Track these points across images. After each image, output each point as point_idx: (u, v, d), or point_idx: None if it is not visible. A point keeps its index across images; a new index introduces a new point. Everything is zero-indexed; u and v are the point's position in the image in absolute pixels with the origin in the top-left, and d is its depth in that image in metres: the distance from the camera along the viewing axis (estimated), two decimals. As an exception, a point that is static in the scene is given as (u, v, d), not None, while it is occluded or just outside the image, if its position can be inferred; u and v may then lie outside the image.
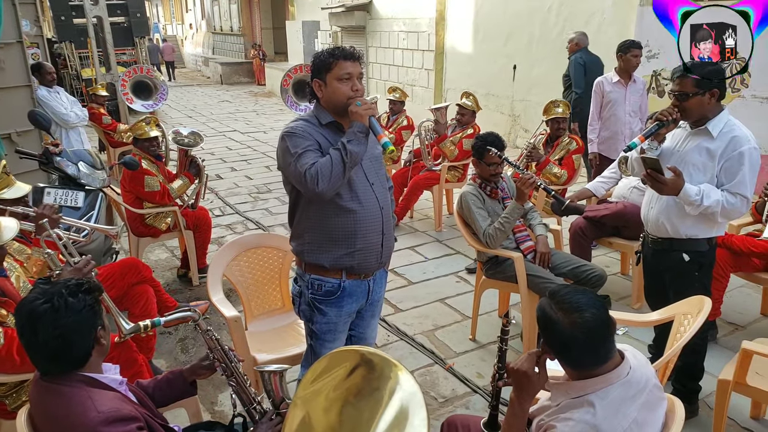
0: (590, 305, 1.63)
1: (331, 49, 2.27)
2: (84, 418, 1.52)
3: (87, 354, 1.63)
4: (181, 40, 31.30)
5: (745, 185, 2.62)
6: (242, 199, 7.04)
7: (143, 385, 1.95)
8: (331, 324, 2.42)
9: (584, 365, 1.67)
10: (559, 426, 1.63)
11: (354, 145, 2.16)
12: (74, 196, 3.84)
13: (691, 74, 2.62)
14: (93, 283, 1.69)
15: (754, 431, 2.91)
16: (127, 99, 7.59)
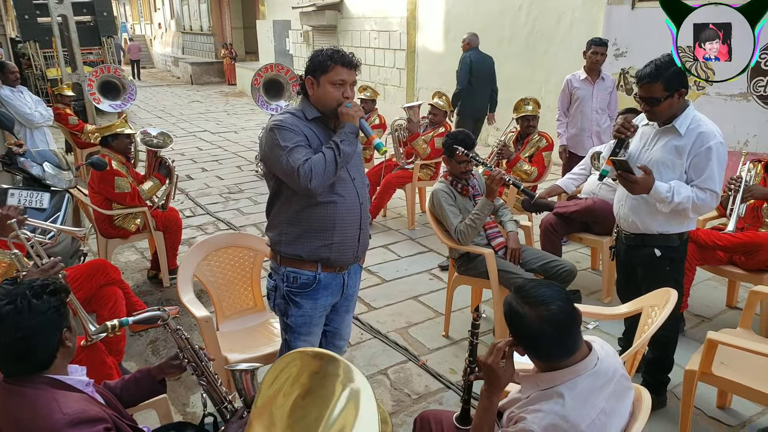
0: (556, 298, 1.65)
1: (332, 51, 2.30)
2: (49, 420, 1.49)
3: (52, 356, 1.60)
4: (149, 39, 30.84)
5: (713, 180, 2.65)
6: (213, 200, 6.96)
7: (110, 386, 1.91)
8: (306, 317, 2.43)
9: (553, 357, 1.69)
10: (529, 417, 1.64)
11: (346, 145, 2.23)
12: (39, 198, 3.75)
13: (657, 80, 2.62)
14: (59, 284, 1.65)
15: (721, 420, 2.98)
16: (95, 99, 7.43)
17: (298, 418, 0.98)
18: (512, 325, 1.71)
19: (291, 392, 1.02)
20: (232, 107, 15.16)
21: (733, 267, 3.72)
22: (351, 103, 2.28)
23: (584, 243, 4.45)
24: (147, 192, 4.35)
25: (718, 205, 3.98)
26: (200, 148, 10.02)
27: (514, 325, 1.70)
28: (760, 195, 3.60)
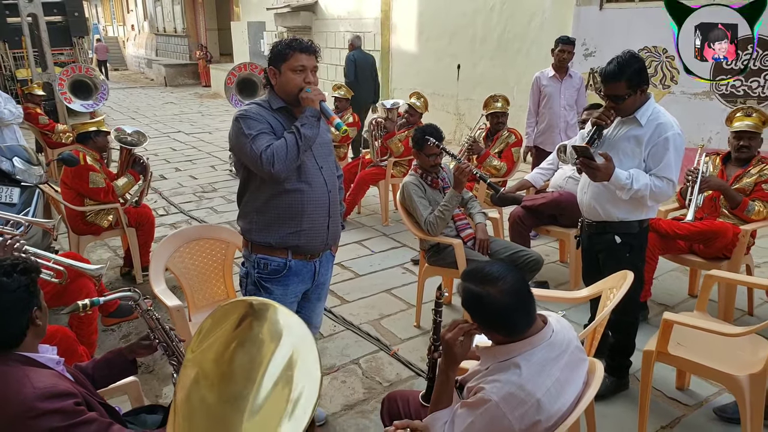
0: (508, 271, 1.75)
1: (290, 40, 2.38)
2: (20, 395, 1.53)
3: (22, 333, 1.64)
4: (122, 41, 30.49)
5: (670, 169, 2.77)
6: (187, 199, 6.96)
7: (82, 367, 1.95)
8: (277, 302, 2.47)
9: (519, 327, 1.76)
10: (487, 387, 1.72)
11: (307, 128, 2.28)
12: (9, 192, 3.75)
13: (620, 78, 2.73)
14: (29, 263, 1.69)
15: (680, 400, 3.10)
16: (66, 99, 7.37)
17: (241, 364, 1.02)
18: (475, 309, 1.77)
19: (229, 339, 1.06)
20: (207, 108, 15.10)
21: (693, 255, 3.86)
22: (311, 88, 2.33)
23: (552, 235, 4.58)
24: (121, 188, 4.37)
25: (679, 196, 4.17)
26: (174, 148, 9.99)
27: (478, 309, 1.76)
28: (716, 186, 3.74)
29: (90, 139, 4.35)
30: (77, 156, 4.13)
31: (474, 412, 1.72)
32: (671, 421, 2.95)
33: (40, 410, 1.51)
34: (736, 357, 2.66)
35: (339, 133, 2.39)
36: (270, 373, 1.00)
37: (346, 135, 6.43)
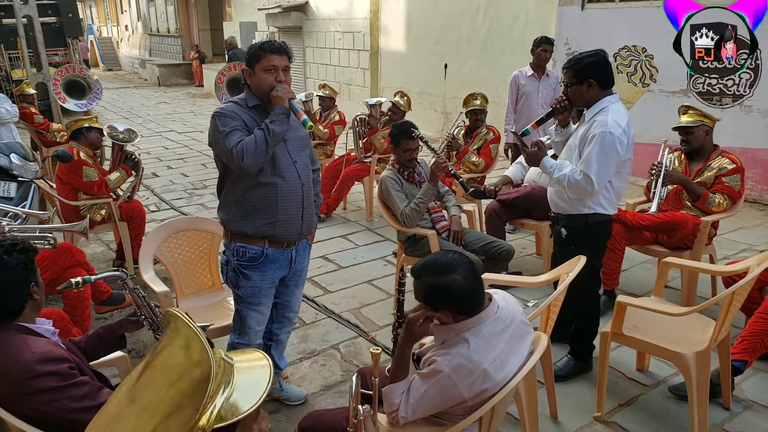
0: (459, 256, 1.94)
1: (263, 42, 2.55)
2: (20, 359, 1.72)
3: (21, 306, 1.83)
4: (116, 41, 30.52)
5: (590, 165, 2.81)
6: (178, 195, 7.14)
7: (75, 341, 2.14)
8: (255, 288, 2.67)
9: (479, 304, 1.93)
10: (439, 360, 1.92)
11: (276, 125, 2.42)
12: (6, 187, 3.94)
13: (571, 68, 2.92)
14: (27, 244, 1.88)
15: (639, 381, 3.30)
16: (60, 98, 7.54)
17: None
18: (443, 298, 1.90)
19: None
20: (199, 108, 15.24)
21: (658, 246, 4.06)
22: (281, 87, 2.48)
23: (526, 228, 4.77)
24: (114, 182, 4.56)
25: (645, 189, 4.38)
26: (166, 147, 10.16)
27: (446, 298, 1.90)
28: (678, 180, 3.95)
29: (83, 135, 4.54)
30: (71, 152, 4.33)
31: (427, 382, 1.91)
32: (629, 399, 3.13)
33: (38, 372, 1.71)
34: (687, 338, 2.84)
35: (306, 129, 2.55)
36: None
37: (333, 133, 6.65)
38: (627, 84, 7.44)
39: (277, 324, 2.97)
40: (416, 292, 1.98)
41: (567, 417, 2.99)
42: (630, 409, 3.05)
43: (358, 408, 1.60)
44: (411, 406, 1.93)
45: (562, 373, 3.28)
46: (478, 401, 1.89)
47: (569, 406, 3.06)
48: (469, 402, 1.88)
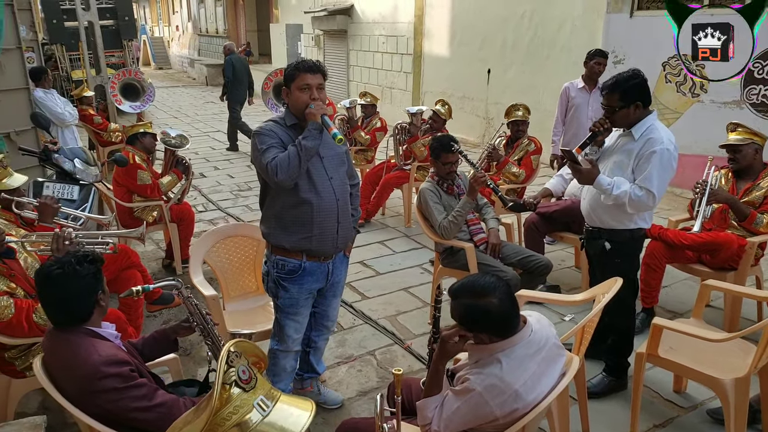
0: (497, 279, 2.01)
1: (298, 62, 2.65)
2: (88, 360, 1.89)
3: (90, 312, 2.01)
4: (167, 41, 31.41)
5: (651, 180, 2.89)
6: (224, 196, 7.38)
7: (133, 343, 2.32)
8: (293, 299, 2.78)
9: (514, 327, 2.00)
10: (472, 378, 1.99)
11: (308, 140, 2.51)
12: (70, 190, 4.19)
13: (615, 91, 2.95)
14: (96, 255, 2.05)
15: (676, 403, 3.28)
16: (116, 100, 7.88)
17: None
18: (477, 321, 1.97)
19: None
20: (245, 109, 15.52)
21: (701, 265, 3.99)
22: (314, 104, 2.56)
23: (565, 241, 4.78)
24: (166, 185, 4.79)
25: (689, 206, 4.33)
26: (213, 147, 10.47)
27: (479, 320, 1.96)
28: (723, 199, 3.88)
29: (138, 140, 4.78)
30: (127, 156, 4.57)
31: (460, 399, 1.98)
32: (664, 420, 3.13)
33: (104, 373, 1.88)
34: (726, 362, 2.82)
35: (336, 142, 2.58)
36: None
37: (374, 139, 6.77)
38: (675, 94, 7.32)
39: (316, 332, 3.09)
40: (453, 313, 2.04)
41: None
42: (665, 431, 3.05)
43: (383, 426, 1.68)
44: (444, 421, 2.01)
45: (596, 390, 3.30)
46: (510, 420, 1.95)
47: (602, 425, 3.08)
48: (501, 420, 1.94)
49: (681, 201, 6.69)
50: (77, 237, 2.76)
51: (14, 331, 2.60)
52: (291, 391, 3.17)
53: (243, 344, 1.38)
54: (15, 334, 2.61)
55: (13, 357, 2.76)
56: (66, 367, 1.95)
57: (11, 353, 2.75)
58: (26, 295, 2.69)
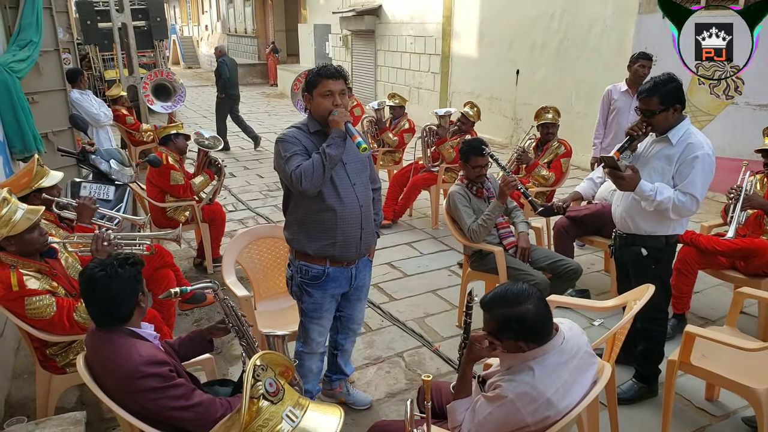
0: (528, 286, 2.01)
1: (319, 68, 2.61)
2: (130, 360, 1.96)
3: (130, 313, 2.07)
4: (196, 41, 31.86)
5: (695, 186, 2.91)
6: (253, 196, 7.48)
7: (170, 343, 2.38)
8: (317, 304, 2.80)
9: (549, 331, 2.00)
10: (504, 385, 2.00)
11: (332, 148, 2.50)
12: (106, 190, 4.31)
13: (654, 95, 2.93)
14: (137, 258, 2.12)
15: (708, 411, 3.24)
16: (148, 100, 8.03)
17: None
18: (514, 330, 1.97)
19: None
20: (273, 108, 15.72)
21: (734, 271, 3.93)
22: (338, 111, 2.54)
23: (595, 245, 4.74)
24: (198, 185, 4.89)
25: (723, 212, 4.27)
26: (242, 147, 10.60)
27: (517, 328, 1.96)
28: (758, 204, 3.83)
29: (171, 141, 4.88)
30: (160, 157, 4.68)
31: (492, 405, 2.00)
32: (696, 429, 3.10)
33: (145, 373, 1.94)
34: (760, 371, 2.79)
35: (360, 151, 2.59)
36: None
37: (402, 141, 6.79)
38: (709, 96, 7.20)
39: (342, 335, 3.11)
40: (487, 324, 2.04)
41: (629, 442, 3.00)
42: (696, 439, 3.03)
43: (413, 431, 1.71)
44: (475, 426, 2.03)
45: (626, 396, 3.28)
46: (541, 427, 1.96)
47: (632, 431, 3.06)
48: (532, 427, 1.95)
49: (713, 205, 6.58)
50: (116, 238, 2.83)
51: (56, 329, 2.69)
52: (320, 391, 3.22)
53: (269, 356, 1.41)
54: (56, 331, 2.71)
55: (54, 353, 2.86)
56: (108, 366, 2.02)
57: (52, 350, 2.86)
58: (67, 294, 2.78)
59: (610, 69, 8.10)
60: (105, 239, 2.80)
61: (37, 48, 4.96)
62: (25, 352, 3.82)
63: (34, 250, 2.71)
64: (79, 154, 4.53)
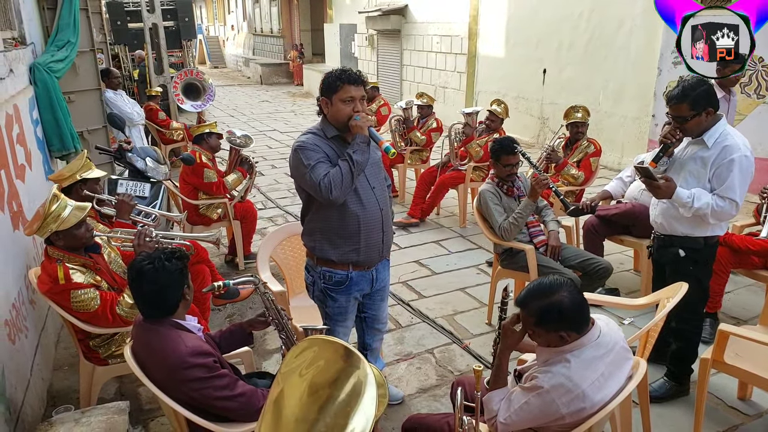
0: (560, 276, 2.05)
1: (339, 72, 2.56)
2: (176, 351, 2.03)
3: (176, 305, 2.14)
4: (222, 41, 32.25)
5: (734, 190, 2.88)
6: (282, 195, 7.57)
7: (211, 335, 2.45)
8: (341, 308, 2.82)
9: (587, 318, 2.03)
10: (540, 377, 2.03)
11: (359, 154, 2.48)
12: (142, 187, 4.42)
13: (684, 101, 2.88)
14: (183, 252, 2.19)
15: (740, 410, 3.23)
16: (178, 99, 8.16)
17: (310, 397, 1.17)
18: (553, 320, 1.99)
19: (307, 373, 1.21)
20: (299, 107, 15.86)
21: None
22: (360, 116, 2.51)
23: (625, 245, 4.71)
24: (231, 183, 4.98)
25: (756, 212, 4.22)
26: (270, 146, 10.73)
27: (556, 318, 1.99)
28: (792, 204, 3.79)
29: (203, 140, 4.98)
30: (194, 156, 4.78)
31: (528, 395, 2.03)
32: (728, 427, 3.09)
33: (191, 363, 2.01)
34: (796, 371, 2.78)
35: (389, 156, 2.59)
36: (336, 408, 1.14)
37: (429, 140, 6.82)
38: (740, 95, 7.08)
39: (369, 336, 3.12)
40: (525, 322, 2.07)
41: (661, 440, 3.00)
42: (729, 438, 3.01)
43: (463, 418, 1.73)
44: (511, 415, 2.05)
45: (658, 394, 3.27)
46: (577, 419, 1.98)
47: (663, 429, 3.07)
48: (567, 419, 1.98)
49: (745, 205, 6.41)
50: (157, 236, 2.92)
51: (99, 321, 2.79)
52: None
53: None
54: (100, 324, 2.81)
55: (97, 345, 2.96)
56: (155, 357, 2.10)
57: (95, 342, 2.96)
58: (110, 288, 2.88)
59: (638, 68, 8.02)
60: (147, 235, 2.89)
61: (74, 48, 5.10)
62: (64, 345, 3.95)
63: (80, 245, 2.82)
64: (116, 152, 4.66)
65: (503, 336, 2.14)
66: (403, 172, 7.01)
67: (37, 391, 3.19)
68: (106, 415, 2.57)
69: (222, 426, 2.10)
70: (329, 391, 1.17)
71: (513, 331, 2.11)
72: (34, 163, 4.17)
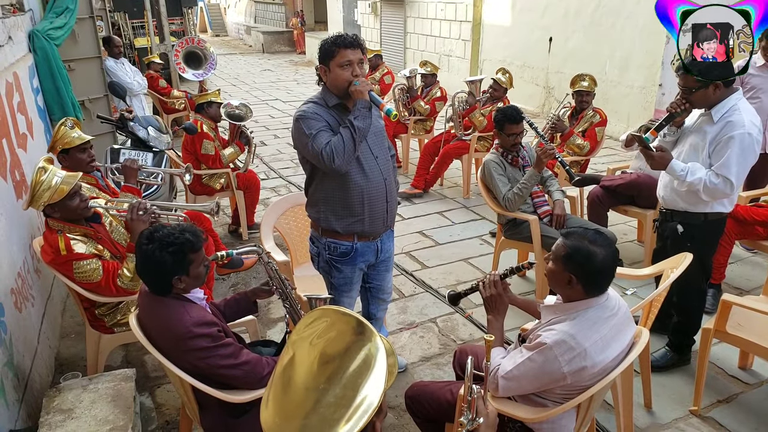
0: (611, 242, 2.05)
1: (334, 37, 2.51)
2: (181, 321, 2.05)
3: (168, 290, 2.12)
4: (224, 8, 31.75)
5: (729, 168, 2.80)
6: (285, 165, 7.54)
7: (216, 304, 2.47)
8: (347, 278, 2.82)
9: (603, 289, 2.05)
10: (544, 335, 2.04)
11: (360, 120, 2.44)
12: (144, 156, 4.40)
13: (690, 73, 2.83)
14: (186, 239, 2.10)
15: (741, 379, 3.26)
16: (180, 68, 8.06)
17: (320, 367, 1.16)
18: (578, 263, 2.00)
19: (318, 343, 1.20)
20: (302, 76, 15.70)
21: (772, 242, 3.91)
22: (359, 81, 2.46)
23: (629, 215, 4.70)
24: (228, 157, 4.95)
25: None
26: (272, 116, 10.65)
27: (581, 263, 2.00)
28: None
29: (203, 109, 4.94)
30: (196, 125, 4.74)
31: (531, 352, 2.05)
32: (728, 396, 3.12)
33: (195, 333, 2.03)
34: (797, 341, 2.79)
35: (391, 119, 2.55)
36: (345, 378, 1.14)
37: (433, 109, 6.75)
38: (749, 64, 6.97)
39: (374, 306, 3.14)
40: (556, 251, 2.08)
41: (661, 408, 3.03)
42: (729, 406, 3.04)
43: (472, 387, 1.74)
44: (512, 370, 2.07)
45: (659, 363, 3.30)
46: (578, 380, 2.00)
47: (664, 398, 3.10)
48: (569, 379, 1.99)
49: (751, 175, 6.43)
50: (152, 207, 2.88)
51: (103, 292, 2.81)
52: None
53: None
54: (104, 293, 2.82)
55: (102, 314, 2.98)
56: (160, 327, 2.11)
57: (101, 310, 2.98)
58: (112, 257, 2.88)
59: (646, 36, 7.88)
60: (140, 208, 2.82)
61: (73, 15, 5.02)
62: (71, 313, 3.99)
63: (77, 215, 2.79)
64: (118, 121, 4.62)
65: (493, 304, 2.27)
66: (407, 142, 6.94)
67: (44, 359, 3.23)
68: (113, 382, 2.60)
69: (227, 393, 2.13)
70: (339, 362, 1.17)
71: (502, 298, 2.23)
72: (36, 132, 4.15)
